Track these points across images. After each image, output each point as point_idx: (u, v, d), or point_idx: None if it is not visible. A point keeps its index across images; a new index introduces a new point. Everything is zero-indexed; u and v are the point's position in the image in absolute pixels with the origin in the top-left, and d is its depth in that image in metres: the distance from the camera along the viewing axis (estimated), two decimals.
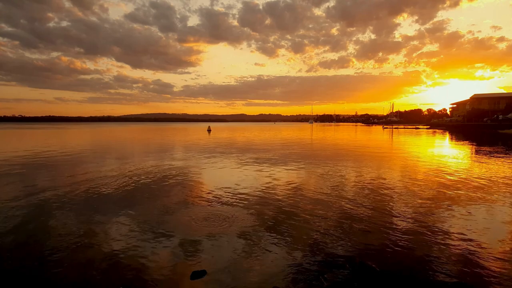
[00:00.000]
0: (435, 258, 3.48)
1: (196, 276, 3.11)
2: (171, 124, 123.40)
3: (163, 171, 9.23)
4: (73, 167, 10.29)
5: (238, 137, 28.92)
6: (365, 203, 5.69)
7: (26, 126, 72.64)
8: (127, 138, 28.79)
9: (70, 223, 4.68)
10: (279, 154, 14.08)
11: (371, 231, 4.30)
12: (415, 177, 8.22)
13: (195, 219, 4.85)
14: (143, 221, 4.75)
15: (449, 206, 5.48)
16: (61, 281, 3.08)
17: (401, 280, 3.06)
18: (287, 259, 3.48)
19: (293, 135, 34.58)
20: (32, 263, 3.45)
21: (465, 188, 6.85)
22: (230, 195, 6.33)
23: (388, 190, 6.71)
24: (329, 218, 4.88)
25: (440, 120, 70.74)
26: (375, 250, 3.72)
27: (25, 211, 5.29)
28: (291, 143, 21.31)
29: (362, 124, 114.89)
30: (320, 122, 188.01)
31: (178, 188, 7.00)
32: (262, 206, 5.56)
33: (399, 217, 4.91)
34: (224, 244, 3.90)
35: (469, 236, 4.12)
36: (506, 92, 59.99)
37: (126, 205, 5.61)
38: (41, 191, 6.72)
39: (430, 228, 4.40)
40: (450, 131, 40.39)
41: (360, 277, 3.11)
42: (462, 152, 14.96)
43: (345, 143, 21.57)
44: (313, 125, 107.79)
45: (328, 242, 3.94)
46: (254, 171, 9.32)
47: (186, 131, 47.24)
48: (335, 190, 6.79)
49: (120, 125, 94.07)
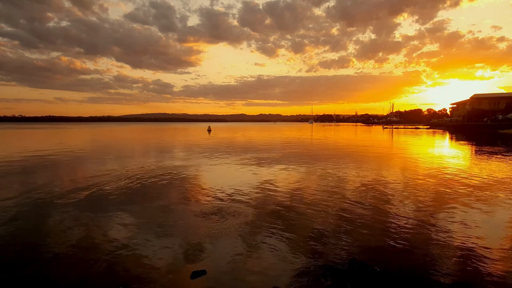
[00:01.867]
0: (435, 258, 3.48)
1: (196, 276, 3.11)
2: (171, 124, 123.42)
3: (163, 171, 9.23)
4: (73, 167, 10.29)
5: (239, 137, 28.92)
6: (365, 203, 5.69)
7: (26, 126, 72.65)
8: (127, 138, 28.79)
9: (70, 223, 4.68)
10: (279, 154, 14.08)
11: (371, 231, 4.30)
12: (415, 177, 8.22)
13: (195, 219, 4.85)
14: (143, 221, 4.75)
15: (449, 206, 5.48)
16: (61, 281, 3.08)
17: (401, 280, 3.06)
18: (287, 259, 3.48)
19: (293, 135, 34.57)
20: (32, 263, 3.45)
21: (465, 188, 6.85)
22: (230, 195, 6.33)
23: (388, 190, 6.71)
24: (329, 218, 4.88)
25: (440, 120, 70.72)
26: (375, 250, 3.72)
27: (25, 211, 5.29)
28: (291, 143, 21.31)
29: (362, 124, 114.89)
30: (320, 122, 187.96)
31: (178, 188, 7.00)
32: (263, 206, 5.56)
33: (399, 217, 4.91)
34: (224, 244, 3.90)
35: (469, 236, 4.12)
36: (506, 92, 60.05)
37: (126, 205, 5.61)
38: (41, 190, 6.72)
39: (430, 228, 4.40)
40: (450, 131, 40.39)
41: (360, 277, 3.11)
42: (462, 152, 14.96)
43: (345, 143, 21.57)
44: (313, 125, 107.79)
45: (328, 242, 3.94)
46: (254, 171, 9.32)
47: (186, 131, 47.24)
48: (335, 190, 6.79)
49: (120, 125, 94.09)
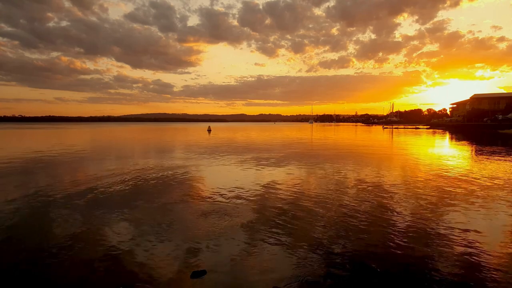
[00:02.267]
0: (436, 258, 3.48)
1: (196, 276, 3.11)
2: (171, 124, 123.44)
3: (163, 171, 9.23)
4: (73, 167, 10.29)
5: (239, 137, 28.92)
6: (365, 203, 5.69)
7: (26, 126, 72.65)
8: (127, 138, 28.79)
9: (70, 223, 4.68)
10: (279, 154, 14.08)
11: (371, 231, 4.30)
12: (415, 177, 8.22)
13: (195, 219, 4.85)
14: (143, 221, 4.75)
15: (449, 206, 5.48)
16: (61, 281, 3.08)
17: (401, 280, 3.07)
18: (288, 259, 3.48)
19: (293, 135, 34.58)
20: (32, 262, 3.45)
21: (465, 188, 6.85)
22: (230, 195, 6.33)
23: (388, 190, 6.71)
24: (329, 217, 4.88)
25: (440, 120, 70.70)
26: (375, 250, 3.72)
27: (25, 211, 5.29)
28: (291, 143, 21.31)
29: (362, 124, 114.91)
30: (320, 122, 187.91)
31: (178, 188, 7.00)
32: (263, 206, 5.56)
33: (400, 217, 4.91)
34: (224, 244, 3.90)
35: (469, 236, 4.12)
36: (506, 92, 60.03)
37: (126, 205, 5.61)
38: (41, 190, 6.72)
39: (431, 228, 4.40)
40: (450, 131, 40.39)
41: (360, 277, 3.11)
42: (462, 152, 14.96)
43: (345, 143, 21.57)
44: (313, 125, 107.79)
45: (328, 242, 3.94)
46: (254, 171, 9.32)
47: (186, 131, 47.25)
48: (335, 190, 6.79)
49: (120, 125, 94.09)
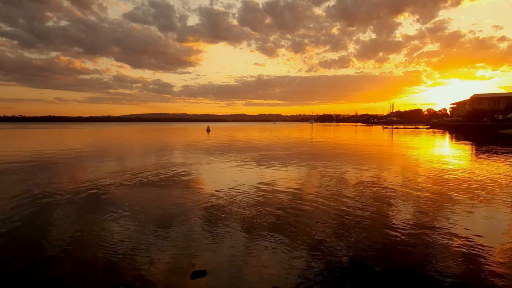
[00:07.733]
0: (436, 258, 3.48)
1: (196, 276, 3.10)
2: (171, 124, 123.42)
3: (162, 171, 9.22)
4: (73, 166, 10.29)
5: (238, 137, 28.92)
6: (365, 203, 5.69)
7: (26, 126, 72.65)
8: (127, 138, 28.79)
9: (70, 223, 4.68)
10: (279, 154, 14.07)
11: (371, 231, 4.30)
12: (415, 177, 8.22)
13: (195, 218, 4.84)
14: (143, 221, 4.75)
15: (449, 206, 5.48)
16: (61, 281, 3.08)
17: (401, 280, 3.06)
18: (288, 259, 3.48)
19: (293, 135, 34.57)
20: (31, 262, 3.45)
21: (465, 188, 6.85)
22: (230, 195, 6.33)
23: (388, 190, 6.71)
24: (329, 218, 4.88)
25: (440, 120, 70.68)
26: (375, 250, 3.72)
27: (25, 211, 5.28)
28: (291, 143, 21.31)
29: (362, 124, 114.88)
30: (320, 122, 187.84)
31: (177, 188, 7.00)
32: (263, 206, 5.56)
33: (400, 217, 4.91)
34: (224, 244, 3.90)
35: (469, 236, 4.11)
36: (506, 92, 60.02)
37: (126, 205, 5.60)
38: (42, 190, 6.71)
39: (431, 228, 4.39)
40: (450, 131, 40.38)
41: (360, 277, 3.10)
42: (462, 152, 14.96)
43: (345, 143, 21.57)
44: (313, 125, 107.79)
45: (328, 242, 3.94)
46: (254, 171, 9.32)
47: (186, 131, 47.26)
48: (335, 190, 6.78)
49: (120, 125, 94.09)
